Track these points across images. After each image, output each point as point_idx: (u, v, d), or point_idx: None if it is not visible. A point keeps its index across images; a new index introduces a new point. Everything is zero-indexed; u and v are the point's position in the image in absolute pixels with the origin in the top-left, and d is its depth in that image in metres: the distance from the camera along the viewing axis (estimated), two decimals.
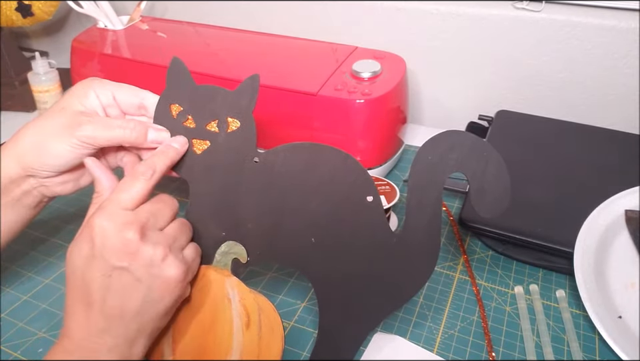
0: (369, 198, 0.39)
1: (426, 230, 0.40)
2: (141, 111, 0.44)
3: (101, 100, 0.43)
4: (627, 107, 0.72)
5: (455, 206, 0.64)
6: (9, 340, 0.47)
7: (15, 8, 0.82)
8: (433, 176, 0.39)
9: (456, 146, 0.39)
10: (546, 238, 0.53)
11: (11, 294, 0.52)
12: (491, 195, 0.39)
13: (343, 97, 0.61)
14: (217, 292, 0.40)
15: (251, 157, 0.41)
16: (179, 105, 0.42)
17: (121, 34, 0.79)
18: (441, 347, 0.46)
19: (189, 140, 0.42)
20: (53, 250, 0.57)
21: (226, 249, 0.42)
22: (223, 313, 0.39)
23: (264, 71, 0.68)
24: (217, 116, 0.41)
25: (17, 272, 0.55)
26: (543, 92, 0.75)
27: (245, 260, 0.41)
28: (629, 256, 0.51)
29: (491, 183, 0.38)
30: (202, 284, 0.40)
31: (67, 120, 0.41)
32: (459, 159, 0.39)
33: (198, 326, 0.39)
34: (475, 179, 0.39)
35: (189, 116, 0.41)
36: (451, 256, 0.57)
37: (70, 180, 0.45)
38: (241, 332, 0.38)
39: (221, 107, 0.41)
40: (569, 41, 0.70)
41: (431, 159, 0.39)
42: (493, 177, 0.38)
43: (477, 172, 0.39)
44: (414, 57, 0.75)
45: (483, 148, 0.38)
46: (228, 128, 0.41)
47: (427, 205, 0.39)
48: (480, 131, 0.79)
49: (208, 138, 0.41)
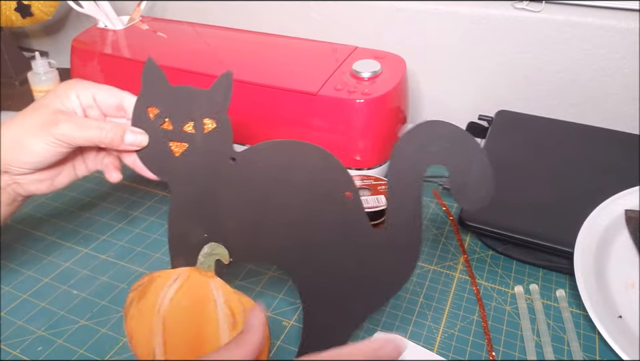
0: (347, 195, 0.39)
1: (407, 227, 0.39)
2: (120, 113, 0.44)
3: (82, 101, 0.43)
4: (627, 107, 0.72)
5: (455, 206, 0.64)
6: (8, 339, 0.47)
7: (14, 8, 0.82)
8: (413, 170, 0.38)
9: (437, 137, 0.37)
10: (546, 238, 0.53)
11: (10, 293, 0.52)
12: (474, 187, 0.38)
13: (343, 97, 0.61)
14: (202, 294, 0.39)
15: (228, 156, 0.40)
16: (156, 107, 0.42)
17: (121, 34, 0.79)
18: (441, 346, 0.46)
19: (167, 142, 0.42)
20: (52, 249, 0.57)
21: (209, 250, 0.42)
22: (209, 315, 0.39)
23: (264, 71, 0.68)
24: (193, 118, 0.41)
25: (16, 270, 0.55)
26: (542, 92, 0.75)
27: (227, 260, 0.41)
28: (629, 256, 0.51)
29: (474, 175, 0.37)
30: (187, 287, 0.40)
31: (45, 118, 0.41)
32: (440, 151, 0.37)
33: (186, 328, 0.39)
34: (457, 171, 0.38)
35: (166, 118, 0.41)
36: (450, 256, 0.57)
37: (45, 179, 0.44)
38: (227, 332, 0.38)
39: (197, 108, 0.41)
40: (569, 41, 0.70)
41: (411, 152, 0.38)
42: (475, 169, 0.37)
43: (460, 165, 0.37)
44: (414, 57, 0.75)
45: (464, 139, 0.37)
46: (204, 129, 0.41)
47: (408, 201, 0.38)
48: (480, 131, 0.79)
49: (186, 140, 0.41)
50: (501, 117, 0.73)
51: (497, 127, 0.72)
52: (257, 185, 0.40)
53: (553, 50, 0.71)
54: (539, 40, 0.72)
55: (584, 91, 0.73)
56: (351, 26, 0.82)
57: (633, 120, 0.72)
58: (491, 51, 0.75)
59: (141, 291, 0.40)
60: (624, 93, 0.71)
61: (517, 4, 0.71)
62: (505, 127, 0.71)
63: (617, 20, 0.67)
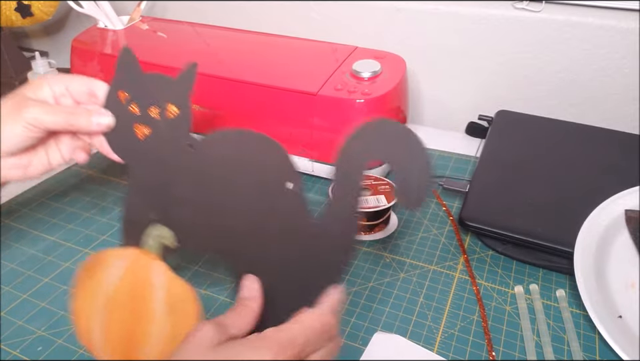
0: (289, 185, 0.39)
1: (345, 221, 0.39)
2: (92, 99, 0.46)
3: (54, 91, 0.45)
4: (627, 107, 0.72)
5: (455, 206, 0.64)
6: (8, 339, 0.47)
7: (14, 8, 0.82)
8: (356, 166, 0.38)
9: (382, 135, 0.38)
10: (546, 238, 0.53)
11: (10, 293, 0.52)
12: (414, 186, 0.38)
13: (343, 97, 0.61)
14: (145, 276, 0.40)
15: (186, 143, 0.41)
16: (126, 92, 0.43)
17: (121, 34, 0.79)
18: (441, 346, 0.46)
19: (133, 126, 0.43)
20: (51, 249, 0.57)
21: (156, 232, 0.42)
22: (148, 298, 0.39)
23: (264, 71, 0.68)
24: (158, 103, 0.42)
25: (16, 270, 0.55)
26: (542, 92, 0.75)
27: (173, 245, 0.42)
28: (629, 256, 0.51)
29: (415, 174, 0.37)
30: (132, 269, 0.40)
31: (16, 104, 0.42)
32: (384, 149, 0.38)
33: (125, 311, 0.39)
34: (400, 169, 0.38)
35: (134, 102, 0.43)
36: (450, 256, 0.57)
37: (17, 166, 0.45)
38: (162, 319, 0.38)
39: (162, 94, 0.42)
40: (569, 41, 0.70)
41: (356, 149, 0.38)
42: (417, 168, 0.37)
43: (402, 162, 0.38)
44: (414, 57, 0.75)
45: (408, 137, 0.38)
46: (167, 115, 0.42)
47: (348, 194, 0.39)
48: (480, 131, 0.79)
49: (149, 124, 0.42)
50: (501, 117, 0.73)
51: (496, 127, 0.72)
52: (208, 173, 0.41)
53: (553, 50, 0.71)
54: (539, 40, 0.72)
55: (584, 91, 0.73)
56: (351, 26, 0.82)
57: (633, 120, 0.72)
58: (491, 51, 0.75)
59: (89, 270, 0.40)
60: (624, 93, 0.71)
61: (517, 4, 0.71)
62: (505, 127, 0.71)
63: (617, 20, 0.67)
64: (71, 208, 0.64)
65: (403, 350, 0.46)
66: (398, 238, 0.59)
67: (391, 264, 0.55)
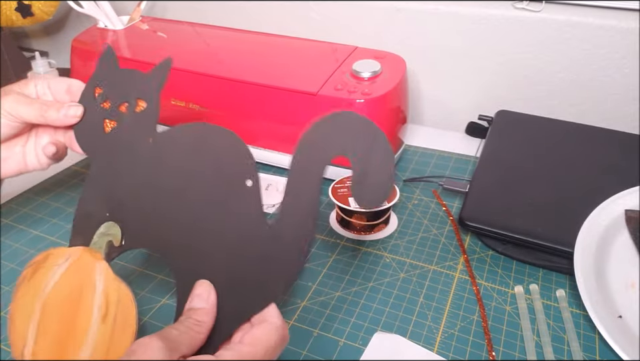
0: (248, 182, 0.37)
1: (301, 222, 0.36)
2: (69, 96, 0.47)
3: (38, 90, 0.47)
4: (627, 107, 0.72)
5: (455, 206, 0.64)
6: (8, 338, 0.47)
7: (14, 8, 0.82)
8: (313, 161, 0.36)
9: (340, 127, 0.35)
10: (546, 238, 0.53)
11: (10, 293, 0.52)
12: (372, 182, 0.35)
13: (343, 97, 0.61)
14: (85, 279, 0.38)
15: (148, 137, 0.40)
16: (102, 88, 0.43)
17: (121, 34, 0.79)
18: (441, 346, 0.46)
19: (102, 120, 0.43)
20: None
21: (104, 230, 0.40)
22: (86, 303, 0.37)
23: (264, 71, 0.68)
24: (127, 98, 0.42)
25: (16, 270, 0.55)
26: (542, 92, 0.75)
27: (118, 243, 0.40)
28: (629, 256, 0.51)
29: (375, 169, 0.35)
30: (74, 269, 0.38)
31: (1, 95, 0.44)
32: (342, 142, 0.35)
33: (61, 315, 0.37)
34: (358, 163, 0.35)
35: (107, 98, 0.43)
36: (450, 256, 0.57)
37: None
38: (97, 325, 0.36)
39: (133, 89, 0.42)
40: (569, 41, 0.70)
41: (314, 142, 0.36)
42: (377, 162, 0.35)
43: (361, 156, 0.35)
44: (414, 57, 0.75)
45: (368, 130, 0.35)
46: (135, 109, 0.41)
47: (305, 192, 0.36)
48: (480, 131, 0.79)
49: (116, 118, 0.42)
50: (501, 117, 0.73)
51: (496, 127, 0.72)
52: (165, 168, 0.39)
53: (553, 50, 0.71)
54: (539, 40, 0.72)
55: (584, 91, 0.73)
56: (351, 26, 0.82)
57: (633, 120, 0.72)
58: (491, 51, 0.75)
59: (32, 269, 0.39)
60: (624, 93, 0.71)
61: (517, 4, 0.71)
62: (505, 127, 0.71)
63: (617, 20, 0.67)
64: (70, 208, 0.64)
65: (403, 350, 0.46)
66: (398, 238, 0.59)
67: (390, 264, 0.55)
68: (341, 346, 0.46)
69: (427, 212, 0.64)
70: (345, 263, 0.55)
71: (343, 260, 0.56)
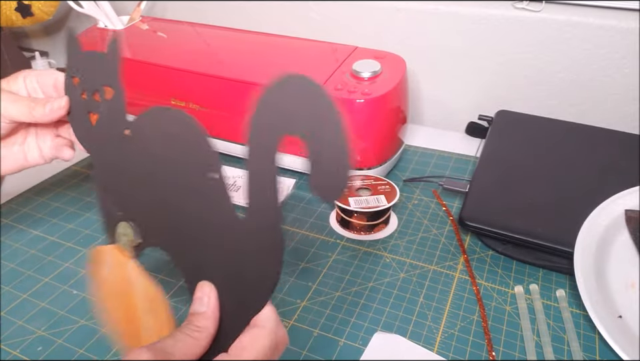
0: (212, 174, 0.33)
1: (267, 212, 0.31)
2: (55, 91, 0.46)
3: (27, 85, 0.46)
4: (627, 107, 0.72)
5: (455, 206, 0.64)
6: (8, 339, 0.47)
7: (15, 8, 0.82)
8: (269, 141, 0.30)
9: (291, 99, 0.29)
10: (546, 238, 0.53)
11: (10, 293, 0.52)
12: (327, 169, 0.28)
13: (343, 97, 0.61)
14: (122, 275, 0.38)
15: (123, 128, 0.38)
16: (76, 76, 0.42)
17: (121, 34, 0.79)
18: (441, 346, 0.46)
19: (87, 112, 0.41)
20: (52, 249, 0.57)
21: (121, 230, 0.39)
22: (132, 297, 0.38)
23: (264, 71, 0.68)
24: (96, 85, 0.39)
25: (16, 270, 0.55)
26: (543, 92, 0.75)
27: (135, 243, 0.39)
28: (629, 256, 0.51)
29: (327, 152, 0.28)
30: (115, 265, 0.39)
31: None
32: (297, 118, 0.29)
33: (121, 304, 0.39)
34: (310, 144, 0.28)
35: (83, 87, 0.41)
36: (450, 256, 0.57)
37: None
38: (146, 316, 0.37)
39: (98, 75, 0.40)
40: (569, 41, 0.70)
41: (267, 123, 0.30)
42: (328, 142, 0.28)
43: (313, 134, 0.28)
44: (414, 57, 0.75)
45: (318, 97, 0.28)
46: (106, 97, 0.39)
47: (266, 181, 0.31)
48: (480, 131, 0.79)
49: (95, 109, 0.40)
50: (501, 117, 0.73)
51: (496, 127, 0.72)
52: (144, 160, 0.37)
53: (553, 50, 0.72)
54: (539, 40, 0.72)
55: (584, 91, 0.73)
56: (351, 26, 0.82)
57: (633, 120, 0.72)
58: (491, 51, 0.75)
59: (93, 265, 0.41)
60: (624, 93, 0.71)
61: (517, 4, 0.71)
62: (505, 127, 0.71)
63: (617, 20, 0.67)
64: (71, 207, 0.64)
65: (403, 350, 0.46)
66: (398, 238, 0.59)
67: (390, 264, 0.55)
68: (340, 346, 0.46)
69: (427, 212, 0.64)
70: (345, 263, 0.55)
71: (343, 260, 0.56)
